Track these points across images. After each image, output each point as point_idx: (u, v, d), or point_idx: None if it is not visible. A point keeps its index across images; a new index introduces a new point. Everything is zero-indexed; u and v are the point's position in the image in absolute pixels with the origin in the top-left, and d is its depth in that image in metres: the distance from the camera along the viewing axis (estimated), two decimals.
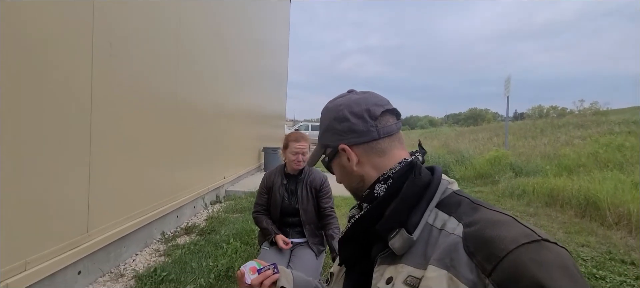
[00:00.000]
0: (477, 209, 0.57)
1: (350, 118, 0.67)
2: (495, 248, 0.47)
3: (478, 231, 0.52)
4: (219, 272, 2.27)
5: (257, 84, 7.34)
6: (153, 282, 2.11)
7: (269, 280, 0.84)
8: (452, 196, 0.62)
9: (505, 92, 9.30)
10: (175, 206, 3.41)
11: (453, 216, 0.57)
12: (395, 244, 0.58)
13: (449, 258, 0.51)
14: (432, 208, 0.60)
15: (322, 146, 0.74)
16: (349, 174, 0.70)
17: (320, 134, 0.75)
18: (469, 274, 0.48)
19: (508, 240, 0.47)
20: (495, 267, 0.46)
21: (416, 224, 0.58)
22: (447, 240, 0.54)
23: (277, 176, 2.34)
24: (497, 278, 0.45)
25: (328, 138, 0.71)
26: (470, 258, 0.49)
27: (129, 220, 2.58)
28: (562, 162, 7.17)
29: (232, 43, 5.16)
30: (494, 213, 0.55)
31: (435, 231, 0.57)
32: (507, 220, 0.52)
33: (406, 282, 0.54)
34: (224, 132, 5.05)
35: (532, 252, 0.45)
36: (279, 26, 10.02)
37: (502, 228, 0.50)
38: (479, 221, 0.53)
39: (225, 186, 5.29)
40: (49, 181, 1.81)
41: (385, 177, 0.65)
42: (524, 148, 9.90)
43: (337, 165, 0.72)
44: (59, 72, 1.84)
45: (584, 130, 11.44)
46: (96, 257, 2.23)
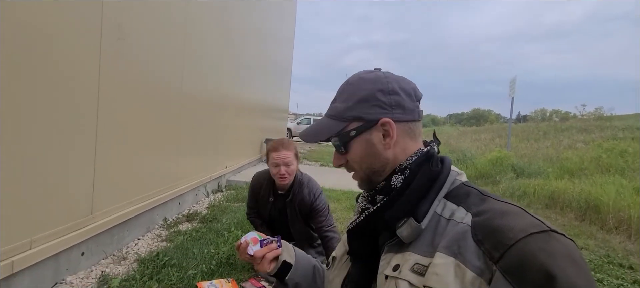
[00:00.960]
0: (486, 200, 0.57)
1: (400, 92, 0.64)
2: (503, 236, 0.48)
3: (487, 220, 0.52)
4: (221, 259, 2.29)
5: (261, 76, 7.33)
6: (155, 265, 2.14)
7: (272, 253, 0.80)
8: (460, 188, 0.63)
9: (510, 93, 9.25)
10: (178, 193, 3.43)
11: (462, 207, 0.58)
12: (404, 232, 0.58)
13: (456, 246, 0.52)
14: (441, 198, 0.61)
15: (347, 118, 0.65)
16: (375, 154, 0.64)
17: (346, 106, 0.65)
18: (476, 261, 0.49)
19: (517, 229, 0.48)
20: (503, 254, 0.46)
21: (425, 213, 0.58)
22: (456, 229, 0.54)
23: (265, 189, 2.08)
24: (505, 265, 0.46)
25: (363, 109, 0.63)
26: (478, 245, 0.50)
27: (132, 204, 2.61)
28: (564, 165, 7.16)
29: (238, 34, 5.15)
30: (502, 204, 0.55)
31: (443, 220, 0.58)
32: (516, 210, 0.53)
33: (413, 269, 0.55)
34: (227, 122, 5.06)
35: (541, 241, 0.46)
36: (285, 19, 9.97)
37: (511, 218, 0.50)
38: (487, 211, 0.54)
39: (227, 175, 5.31)
40: (55, 161, 1.83)
41: (402, 168, 0.64)
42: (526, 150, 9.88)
43: (363, 143, 0.64)
44: (67, 54, 1.84)
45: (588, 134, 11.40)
46: (100, 238, 2.26)
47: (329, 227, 1.95)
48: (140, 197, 2.72)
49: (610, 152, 7.99)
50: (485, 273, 0.47)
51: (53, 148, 1.80)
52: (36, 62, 1.65)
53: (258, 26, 6.48)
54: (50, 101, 1.75)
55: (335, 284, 0.73)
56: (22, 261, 1.65)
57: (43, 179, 1.76)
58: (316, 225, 1.97)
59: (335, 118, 0.67)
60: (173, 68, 3.13)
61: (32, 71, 1.64)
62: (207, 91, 4.07)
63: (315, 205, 1.97)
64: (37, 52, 1.65)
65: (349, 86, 0.67)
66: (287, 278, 0.80)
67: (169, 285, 1.95)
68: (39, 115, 1.69)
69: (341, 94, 0.68)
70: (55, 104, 1.79)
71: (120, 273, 2.12)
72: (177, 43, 3.15)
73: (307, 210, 1.99)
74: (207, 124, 4.17)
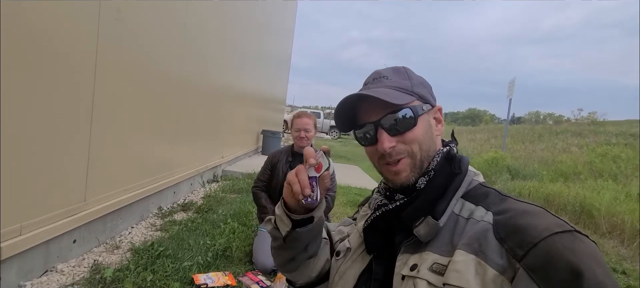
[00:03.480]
0: (506, 199, 0.57)
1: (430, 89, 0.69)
2: (528, 235, 0.47)
3: (510, 219, 0.51)
4: (217, 250, 2.25)
5: (260, 67, 7.23)
6: (150, 255, 2.08)
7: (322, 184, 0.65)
8: (478, 188, 0.62)
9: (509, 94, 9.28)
10: (173, 182, 3.37)
11: (481, 206, 0.57)
12: (421, 231, 0.57)
13: (477, 244, 0.51)
14: (458, 198, 0.60)
15: (415, 94, 0.64)
16: (432, 137, 0.65)
17: (411, 83, 0.65)
18: (499, 259, 0.48)
19: (541, 228, 0.47)
20: (527, 252, 0.46)
21: (442, 212, 0.57)
22: (476, 227, 0.53)
23: (283, 154, 2.35)
24: (530, 263, 0.45)
25: (426, 92, 0.66)
26: (501, 244, 0.49)
27: (127, 191, 2.54)
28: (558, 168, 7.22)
29: (238, 24, 5.04)
30: (524, 204, 0.54)
31: (462, 220, 0.57)
32: (538, 210, 0.52)
33: (432, 269, 0.53)
34: (224, 111, 4.98)
35: (566, 241, 0.45)
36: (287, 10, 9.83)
37: (534, 217, 0.50)
38: (509, 210, 0.53)
39: (223, 165, 5.25)
40: (48, 146, 1.75)
41: (428, 171, 0.62)
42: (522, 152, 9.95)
43: (426, 122, 0.64)
44: (62, 35, 1.76)
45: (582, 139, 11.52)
46: (92, 226, 2.19)
47: (330, 188, 2.25)
48: (135, 185, 2.65)
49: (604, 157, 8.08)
50: (507, 271, 0.47)
51: (46, 132, 1.73)
52: (29, 44, 1.57)
53: (259, 16, 6.36)
54: (44, 84, 1.67)
55: (348, 276, 0.69)
56: (10, 248, 1.59)
57: (35, 164, 1.68)
58: None
59: (403, 90, 0.63)
60: (172, 55, 3.04)
61: (25, 52, 1.55)
62: (205, 80, 3.99)
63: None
64: (30, 33, 1.57)
65: (401, 69, 0.68)
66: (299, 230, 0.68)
67: (164, 276, 1.90)
68: (32, 98, 1.61)
69: (394, 73, 0.66)
70: (49, 87, 1.70)
71: (113, 263, 2.06)
72: (176, 30, 3.06)
73: None
74: (204, 112, 4.09)
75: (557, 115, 36.14)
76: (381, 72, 0.68)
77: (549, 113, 41.04)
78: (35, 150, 1.67)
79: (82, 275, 1.88)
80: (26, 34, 1.54)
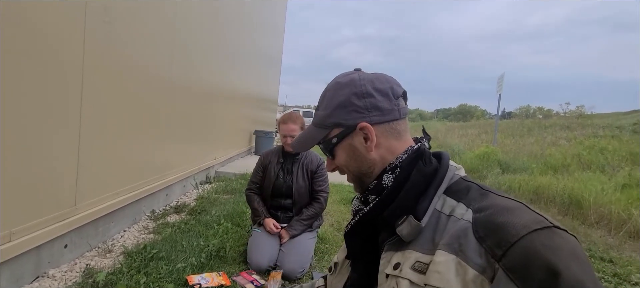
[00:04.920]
0: (487, 195, 0.56)
1: (375, 94, 0.63)
2: (506, 233, 0.47)
3: (488, 217, 0.51)
4: (210, 251, 2.25)
5: (251, 66, 7.20)
6: (143, 258, 2.07)
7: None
8: (460, 182, 0.62)
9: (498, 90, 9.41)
10: (165, 184, 3.35)
11: (462, 202, 0.57)
12: (404, 231, 0.57)
13: (457, 243, 0.51)
14: (440, 194, 0.60)
15: (328, 125, 0.66)
16: (360, 158, 0.65)
17: (326, 113, 0.66)
18: (478, 259, 0.48)
19: (519, 226, 0.47)
20: (506, 252, 0.45)
21: (424, 211, 0.57)
22: (456, 226, 0.53)
23: (274, 155, 2.34)
24: (508, 263, 0.45)
25: (342, 115, 0.64)
26: (480, 243, 0.49)
27: (118, 195, 2.52)
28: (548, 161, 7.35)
29: (228, 22, 5.01)
30: (503, 199, 0.55)
31: (444, 217, 0.57)
32: (517, 206, 0.52)
33: (414, 268, 0.54)
34: (216, 112, 4.95)
35: (544, 238, 0.45)
36: (276, 9, 9.80)
37: (513, 214, 0.50)
38: (489, 207, 0.53)
39: (216, 167, 5.22)
40: (37, 150, 1.73)
41: (392, 166, 0.63)
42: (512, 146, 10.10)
43: (347, 148, 0.65)
44: (49, 38, 1.74)
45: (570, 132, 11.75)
46: (84, 231, 2.17)
47: (322, 188, 2.29)
48: (126, 188, 2.63)
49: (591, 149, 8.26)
50: (487, 271, 0.47)
51: (34, 136, 1.70)
52: (15, 47, 1.54)
53: (249, 15, 6.33)
54: (31, 86, 1.65)
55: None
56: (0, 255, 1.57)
57: (24, 168, 1.66)
58: (315, 186, 2.27)
59: (318, 125, 0.68)
60: (161, 56, 3.01)
61: (11, 55, 1.53)
62: (196, 80, 3.96)
63: (320, 167, 2.29)
64: (16, 36, 1.55)
65: (327, 93, 0.68)
66: None
67: (158, 278, 1.90)
68: (19, 101, 1.59)
69: (322, 101, 0.69)
70: (36, 89, 1.68)
71: (105, 267, 2.05)
72: (166, 30, 3.03)
73: (314, 168, 2.27)
74: (196, 113, 4.07)
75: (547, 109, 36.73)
76: (320, 97, 0.71)
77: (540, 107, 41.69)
78: (23, 155, 1.65)
79: (74, 280, 1.87)
80: (11, 36, 1.52)
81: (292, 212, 2.30)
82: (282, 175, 2.28)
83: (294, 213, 2.29)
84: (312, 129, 0.69)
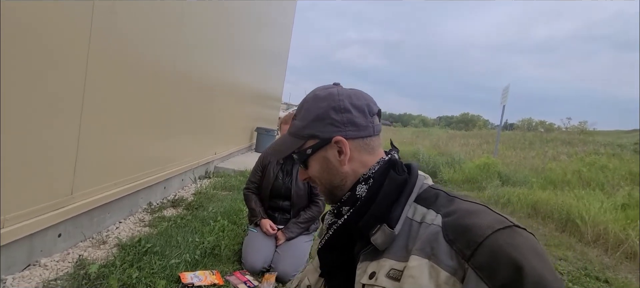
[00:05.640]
0: (453, 201, 0.60)
1: (352, 110, 0.65)
2: (473, 234, 0.50)
3: (456, 220, 0.54)
4: (205, 248, 2.23)
5: (256, 63, 7.19)
6: (137, 252, 2.06)
7: None
8: (428, 191, 0.65)
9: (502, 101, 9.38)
10: (163, 177, 3.33)
11: (431, 209, 0.60)
12: (378, 240, 0.59)
13: (430, 248, 0.53)
14: (411, 202, 0.62)
15: (304, 136, 0.67)
16: (333, 170, 0.66)
17: (302, 124, 0.67)
18: (450, 261, 0.50)
19: (484, 227, 0.50)
20: (474, 252, 0.49)
21: (397, 219, 0.59)
22: (428, 231, 0.56)
23: None
24: (477, 262, 0.48)
25: (318, 127, 0.65)
26: (450, 245, 0.52)
27: (116, 186, 2.50)
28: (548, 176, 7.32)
29: (235, 18, 5.00)
30: (468, 203, 0.58)
31: (415, 224, 0.59)
32: (481, 209, 0.56)
33: (389, 275, 0.56)
34: (218, 107, 4.94)
35: (506, 237, 0.49)
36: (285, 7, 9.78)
37: (478, 216, 0.53)
38: (456, 211, 0.56)
39: (216, 162, 5.21)
40: (35, 137, 1.71)
41: (365, 177, 0.65)
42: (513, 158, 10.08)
43: (321, 159, 0.67)
44: (55, 26, 1.72)
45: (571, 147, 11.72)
46: (79, 220, 2.16)
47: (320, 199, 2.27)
48: (124, 179, 2.62)
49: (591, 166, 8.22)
50: (458, 271, 0.49)
51: (34, 123, 1.69)
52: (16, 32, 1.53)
53: (256, 11, 6.32)
54: (33, 74, 1.63)
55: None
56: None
57: (20, 155, 1.65)
58: (314, 189, 2.25)
59: (294, 135, 0.69)
60: (165, 49, 3.00)
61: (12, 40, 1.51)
62: (200, 74, 3.95)
63: None
64: (19, 22, 1.53)
65: (306, 104, 0.69)
66: None
67: (150, 273, 1.88)
68: (20, 89, 1.57)
69: (300, 111, 0.69)
70: (39, 77, 1.67)
71: (98, 258, 2.03)
72: (171, 23, 3.02)
73: None
74: (198, 107, 4.05)
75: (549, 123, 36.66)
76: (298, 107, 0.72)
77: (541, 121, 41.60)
78: (20, 140, 1.64)
79: (66, 271, 1.85)
80: (14, 22, 1.50)
81: (289, 214, 2.29)
82: (281, 176, 2.26)
83: (292, 215, 2.27)
84: (288, 138, 0.70)
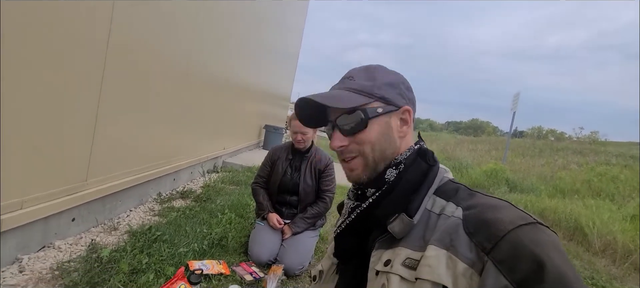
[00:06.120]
0: (474, 195, 0.60)
1: (412, 93, 0.70)
2: (495, 228, 0.50)
3: (478, 214, 0.54)
4: (213, 239, 2.27)
5: (267, 62, 7.24)
6: (147, 239, 2.11)
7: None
8: (448, 184, 0.65)
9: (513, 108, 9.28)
10: (173, 169, 3.39)
11: (451, 202, 0.59)
12: (395, 228, 0.59)
13: (449, 239, 0.53)
14: (431, 194, 0.62)
15: (373, 95, 0.64)
16: (390, 139, 0.65)
17: (373, 84, 0.65)
18: (469, 253, 0.50)
19: (506, 222, 0.50)
20: (495, 246, 0.48)
21: (417, 209, 0.60)
22: (447, 222, 0.56)
23: (283, 151, 2.36)
24: (497, 256, 0.48)
25: (390, 92, 0.65)
26: (470, 238, 0.51)
27: (128, 175, 2.57)
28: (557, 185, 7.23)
29: (249, 16, 5.06)
30: (490, 198, 0.58)
31: (434, 216, 0.59)
32: (504, 204, 0.55)
33: (404, 264, 0.56)
34: (229, 103, 5.00)
35: (529, 233, 0.48)
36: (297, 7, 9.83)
37: (501, 211, 0.53)
38: (477, 205, 0.56)
39: (224, 157, 5.27)
40: (54, 124, 1.78)
41: (397, 162, 0.65)
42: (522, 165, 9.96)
43: (383, 124, 0.64)
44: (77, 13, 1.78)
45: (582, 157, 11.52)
46: (92, 206, 2.22)
47: (329, 188, 2.30)
48: (136, 169, 2.68)
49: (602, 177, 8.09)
50: (476, 264, 0.49)
51: (54, 111, 1.75)
52: (37, 14, 1.59)
53: (269, 11, 6.37)
54: (54, 62, 1.69)
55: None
56: (11, 220, 1.61)
57: (39, 140, 1.71)
58: (322, 185, 2.29)
59: (359, 92, 0.64)
60: (181, 44, 3.06)
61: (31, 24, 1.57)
62: (211, 71, 4.01)
63: (329, 167, 2.31)
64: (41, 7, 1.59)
65: (371, 69, 0.68)
66: None
67: (159, 260, 1.93)
68: (40, 77, 1.64)
69: (361, 73, 0.67)
70: (59, 65, 1.73)
71: (110, 244, 2.09)
72: (188, 19, 3.07)
73: (322, 167, 2.29)
74: (208, 103, 4.11)
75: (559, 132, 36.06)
76: (351, 72, 0.69)
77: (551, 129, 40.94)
78: (40, 126, 1.70)
79: (78, 253, 1.91)
80: (34, 7, 1.56)
81: (296, 209, 2.32)
82: (290, 172, 2.30)
83: (299, 211, 2.30)
84: (350, 93, 0.64)
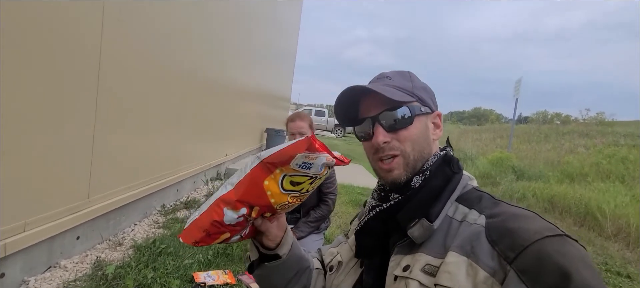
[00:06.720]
0: (499, 204, 0.58)
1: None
2: (519, 237, 0.48)
3: (502, 222, 0.52)
4: (218, 249, 2.27)
5: (265, 64, 7.24)
6: (151, 253, 2.11)
7: None
8: (472, 192, 0.63)
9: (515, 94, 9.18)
10: (176, 180, 3.39)
11: (474, 209, 0.58)
12: (415, 233, 0.58)
13: (470, 246, 0.52)
14: (453, 201, 0.61)
15: (415, 95, 0.65)
16: (428, 139, 0.66)
17: (413, 85, 0.66)
18: (490, 261, 0.49)
19: (532, 232, 0.48)
20: (518, 255, 0.46)
21: (437, 214, 0.58)
22: (469, 230, 0.54)
23: None
24: (521, 265, 0.46)
25: (427, 97, 0.67)
26: (492, 246, 0.50)
27: (130, 189, 2.57)
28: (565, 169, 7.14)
29: (243, 20, 5.05)
30: (515, 208, 0.55)
31: (455, 223, 0.58)
32: (529, 214, 0.53)
33: (424, 270, 0.54)
34: (229, 109, 5.00)
35: (556, 244, 0.46)
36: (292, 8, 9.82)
37: (526, 221, 0.51)
38: (501, 213, 0.54)
39: (226, 163, 5.27)
40: (53, 143, 1.78)
41: (423, 169, 0.64)
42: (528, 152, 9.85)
43: (423, 124, 0.65)
44: (67, 30, 1.78)
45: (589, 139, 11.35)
46: (96, 223, 2.22)
47: (330, 191, 2.26)
48: (138, 182, 2.68)
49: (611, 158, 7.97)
50: (498, 273, 0.47)
51: (50, 129, 1.75)
52: (30, 37, 1.59)
53: (264, 13, 6.36)
54: (48, 78, 1.69)
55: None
56: (15, 244, 1.62)
57: (39, 161, 1.71)
58: (324, 188, 2.25)
59: (403, 91, 0.65)
60: (177, 52, 3.05)
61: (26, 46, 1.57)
62: (211, 77, 4.00)
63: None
64: (32, 26, 1.59)
65: (405, 72, 0.70)
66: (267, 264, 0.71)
67: (165, 274, 1.92)
68: (35, 94, 1.63)
69: (397, 75, 0.68)
70: (53, 81, 1.73)
71: (115, 260, 2.09)
72: (182, 26, 3.07)
73: None
74: (208, 110, 4.11)
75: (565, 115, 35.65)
76: (385, 73, 0.69)
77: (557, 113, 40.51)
78: (39, 147, 1.70)
79: (84, 272, 1.91)
80: (27, 27, 1.56)
81: (299, 213, 2.30)
82: None
83: (301, 215, 2.28)
84: (393, 90, 0.63)
